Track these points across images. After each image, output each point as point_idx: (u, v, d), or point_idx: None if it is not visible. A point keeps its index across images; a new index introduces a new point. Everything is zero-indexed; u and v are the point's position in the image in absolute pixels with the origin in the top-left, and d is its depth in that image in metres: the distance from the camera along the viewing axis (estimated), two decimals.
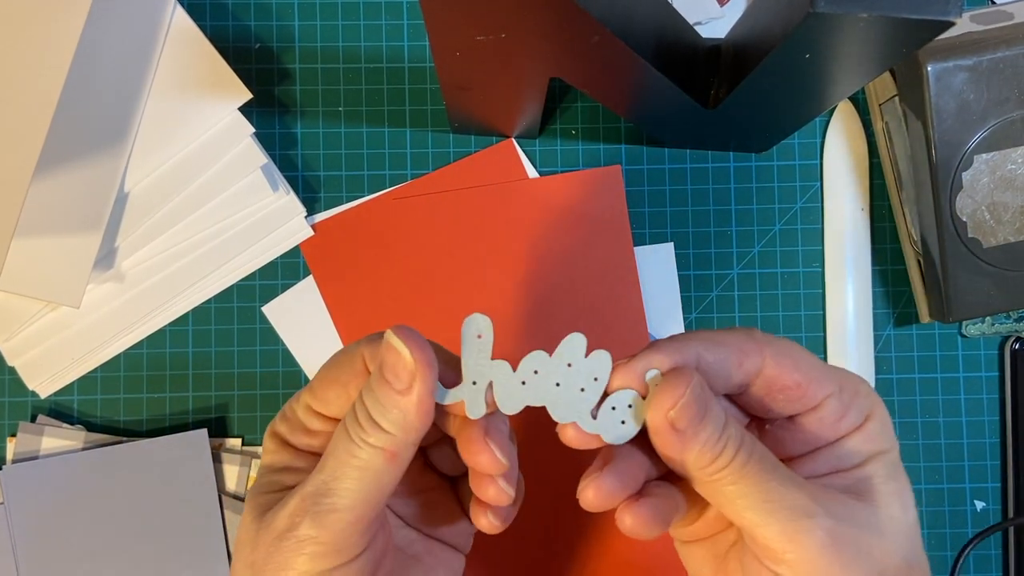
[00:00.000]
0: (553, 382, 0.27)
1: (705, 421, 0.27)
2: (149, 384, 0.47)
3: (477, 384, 0.27)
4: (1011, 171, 0.43)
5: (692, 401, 0.26)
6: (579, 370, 0.27)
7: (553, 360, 0.27)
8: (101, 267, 0.45)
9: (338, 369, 0.30)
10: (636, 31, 0.34)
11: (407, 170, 0.48)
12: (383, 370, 0.27)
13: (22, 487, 0.44)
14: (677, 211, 0.48)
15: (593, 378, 0.27)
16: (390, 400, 0.27)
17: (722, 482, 0.27)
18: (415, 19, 0.48)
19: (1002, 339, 0.48)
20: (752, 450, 0.27)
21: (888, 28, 0.29)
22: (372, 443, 0.27)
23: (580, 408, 0.27)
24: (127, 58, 0.45)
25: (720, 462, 0.27)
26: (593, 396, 0.27)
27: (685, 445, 0.27)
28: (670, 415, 0.27)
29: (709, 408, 0.27)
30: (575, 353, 0.27)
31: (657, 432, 0.27)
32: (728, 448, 0.27)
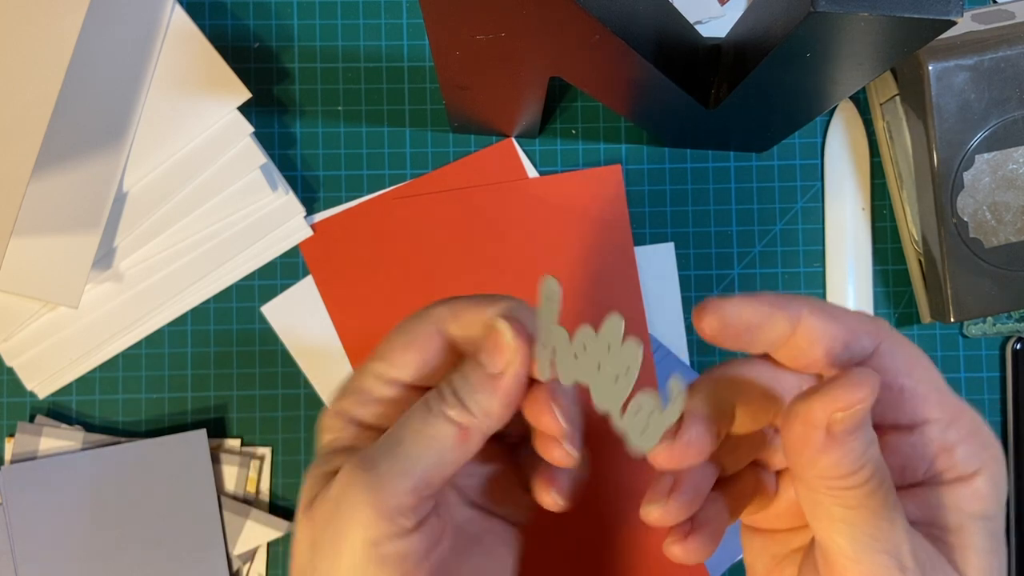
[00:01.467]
0: (596, 363, 0.26)
1: (859, 432, 0.24)
2: (148, 384, 0.47)
3: (546, 347, 0.26)
4: (1012, 171, 0.43)
5: (864, 411, 0.24)
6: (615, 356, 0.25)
7: (599, 339, 0.26)
8: (99, 267, 0.45)
9: (411, 334, 0.29)
10: (636, 30, 0.34)
11: (406, 170, 0.48)
12: (479, 351, 0.27)
13: (20, 488, 0.44)
14: (677, 211, 0.48)
15: (626, 367, 0.25)
16: (480, 381, 0.27)
17: (838, 499, 0.24)
18: (415, 18, 0.48)
19: (1003, 339, 0.48)
20: (883, 479, 0.25)
21: (889, 27, 0.29)
22: (450, 416, 0.27)
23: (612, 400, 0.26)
24: (125, 57, 0.45)
25: (851, 480, 0.24)
26: (624, 389, 0.26)
27: (827, 450, 0.24)
28: (836, 415, 0.24)
29: (868, 420, 0.24)
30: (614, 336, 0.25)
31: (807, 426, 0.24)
32: (864, 470, 0.24)
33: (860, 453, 0.24)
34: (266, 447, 0.47)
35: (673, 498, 0.27)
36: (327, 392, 0.47)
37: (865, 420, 0.24)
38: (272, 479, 0.47)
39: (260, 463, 0.46)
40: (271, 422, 0.47)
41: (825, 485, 0.24)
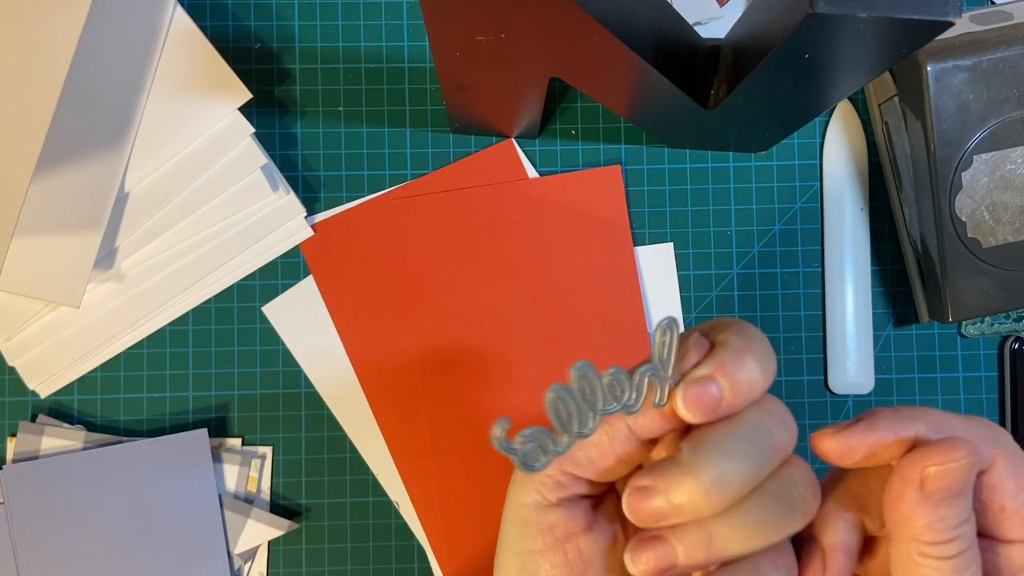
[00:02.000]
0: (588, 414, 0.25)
1: (955, 501, 0.25)
2: (149, 384, 0.47)
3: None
4: (1010, 171, 0.43)
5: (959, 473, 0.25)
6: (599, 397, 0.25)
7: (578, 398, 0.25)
8: (101, 267, 0.45)
9: None
10: (636, 31, 0.34)
11: (407, 170, 0.48)
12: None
13: (22, 487, 0.44)
14: (677, 211, 0.48)
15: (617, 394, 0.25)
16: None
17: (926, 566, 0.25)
18: (415, 19, 0.48)
19: (1001, 339, 0.48)
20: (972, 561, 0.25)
21: (888, 28, 0.29)
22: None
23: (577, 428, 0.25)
24: (127, 58, 0.45)
25: (941, 550, 0.25)
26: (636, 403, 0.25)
27: (919, 508, 0.25)
28: (930, 470, 0.25)
29: (965, 491, 0.25)
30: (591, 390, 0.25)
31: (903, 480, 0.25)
32: (956, 543, 0.25)
33: (953, 523, 0.25)
34: (267, 446, 0.47)
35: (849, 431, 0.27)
36: (327, 392, 0.47)
37: (959, 489, 0.25)
38: (273, 478, 0.47)
39: (261, 462, 0.46)
40: (272, 421, 0.47)
41: (917, 549, 0.25)
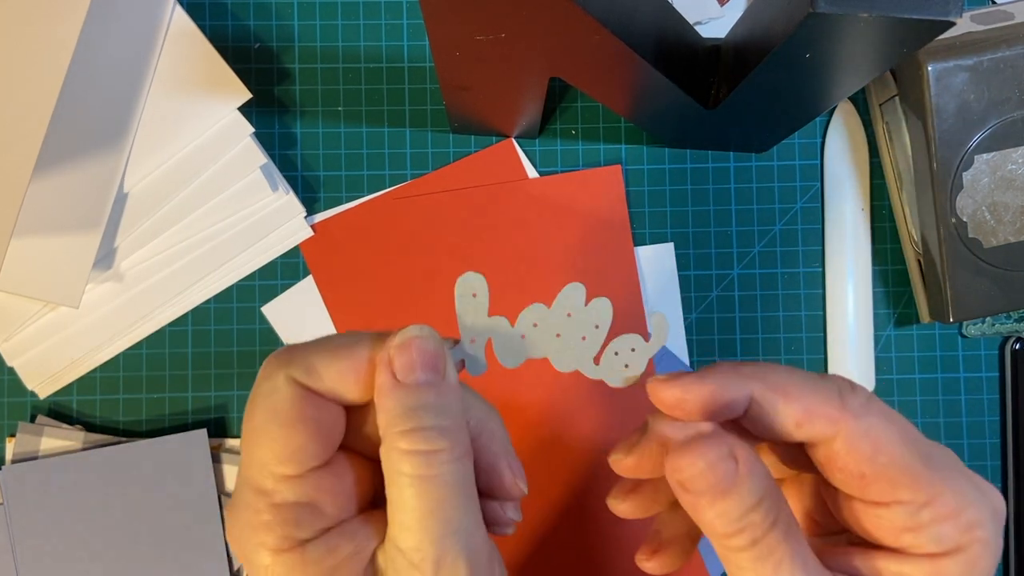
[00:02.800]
0: (553, 333, 0.26)
1: (730, 493, 0.24)
2: (148, 384, 0.47)
3: (476, 342, 0.26)
4: (1011, 171, 0.43)
5: (710, 470, 0.24)
6: (580, 319, 0.26)
7: (553, 311, 0.26)
8: (100, 267, 0.45)
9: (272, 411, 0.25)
10: (636, 31, 0.34)
11: (407, 170, 0.48)
12: (418, 371, 0.24)
13: (21, 487, 0.44)
14: (677, 211, 0.48)
15: (594, 326, 0.26)
16: (443, 396, 0.25)
17: (734, 561, 0.24)
18: (415, 19, 0.48)
19: (1002, 339, 0.48)
20: (782, 540, 0.24)
21: (889, 28, 0.29)
22: (458, 454, 0.24)
23: (582, 356, 0.26)
24: (126, 58, 0.45)
25: (735, 540, 0.24)
26: (595, 344, 0.26)
27: (695, 506, 0.24)
28: (678, 478, 0.24)
29: (738, 480, 0.24)
30: (575, 302, 0.26)
31: (669, 481, 0.25)
32: (748, 532, 0.24)
33: (732, 515, 0.24)
34: None
35: (631, 498, 0.28)
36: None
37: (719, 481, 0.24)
38: None
39: None
40: None
41: (719, 544, 0.25)
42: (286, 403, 0.25)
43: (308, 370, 0.25)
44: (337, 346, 0.25)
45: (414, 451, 0.24)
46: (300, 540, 0.24)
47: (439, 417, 0.24)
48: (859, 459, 0.25)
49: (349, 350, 0.25)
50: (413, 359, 0.25)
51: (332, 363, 0.25)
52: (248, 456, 0.25)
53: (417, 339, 0.25)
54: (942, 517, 0.24)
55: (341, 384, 0.25)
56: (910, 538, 0.25)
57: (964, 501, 0.25)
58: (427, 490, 0.24)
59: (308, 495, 0.25)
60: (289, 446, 0.24)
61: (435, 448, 0.24)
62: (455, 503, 0.24)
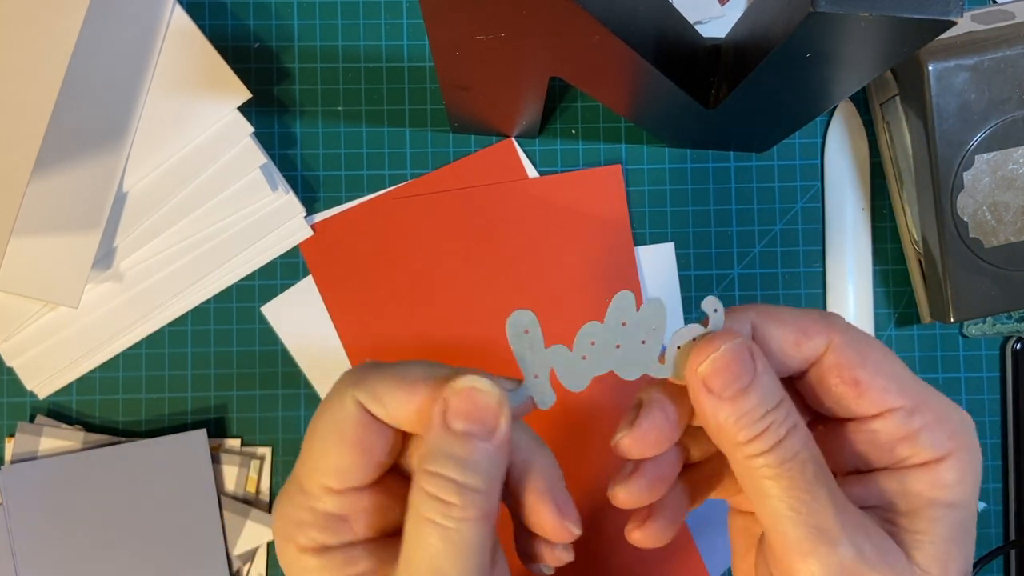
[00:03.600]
0: (613, 346, 0.26)
1: (749, 389, 0.25)
2: (148, 384, 0.47)
3: (539, 377, 0.26)
4: (1012, 171, 0.43)
5: (731, 360, 0.25)
6: (635, 324, 0.26)
7: (607, 325, 0.26)
8: (100, 267, 0.45)
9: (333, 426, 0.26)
10: (636, 30, 0.34)
11: (406, 170, 0.48)
12: (462, 420, 0.25)
13: (21, 488, 0.44)
14: (677, 211, 0.48)
15: (652, 328, 0.26)
16: (474, 451, 0.25)
17: (757, 470, 0.25)
18: (414, 18, 0.48)
19: (1003, 339, 0.48)
20: (803, 446, 0.25)
21: (889, 27, 0.29)
22: (471, 515, 0.24)
23: (646, 360, 0.26)
24: (126, 57, 0.45)
25: (757, 445, 0.25)
26: (656, 345, 0.26)
27: (717, 409, 0.25)
28: (700, 370, 0.25)
29: (757, 375, 0.25)
30: (627, 311, 0.26)
31: (690, 389, 0.26)
32: (771, 432, 0.25)
33: (760, 413, 0.25)
34: (266, 447, 0.47)
35: (634, 479, 0.28)
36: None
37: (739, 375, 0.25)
38: (272, 479, 0.47)
39: (260, 463, 0.46)
40: (271, 422, 0.47)
41: (740, 453, 0.25)
42: (347, 424, 0.26)
43: (374, 396, 0.26)
44: (404, 377, 0.26)
45: (432, 495, 0.24)
46: (326, 545, 0.26)
47: (465, 473, 0.25)
48: (852, 366, 0.26)
49: (413, 384, 0.26)
50: (464, 408, 0.25)
51: (396, 394, 0.26)
52: (305, 457, 0.27)
53: (474, 391, 0.25)
54: (931, 423, 0.26)
55: (401, 414, 0.26)
56: (906, 448, 0.26)
57: (945, 408, 0.26)
58: (430, 535, 0.24)
59: (344, 509, 0.26)
60: (340, 464, 0.26)
61: (450, 501, 0.24)
62: (451, 558, 0.24)
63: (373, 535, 0.27)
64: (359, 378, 0.26)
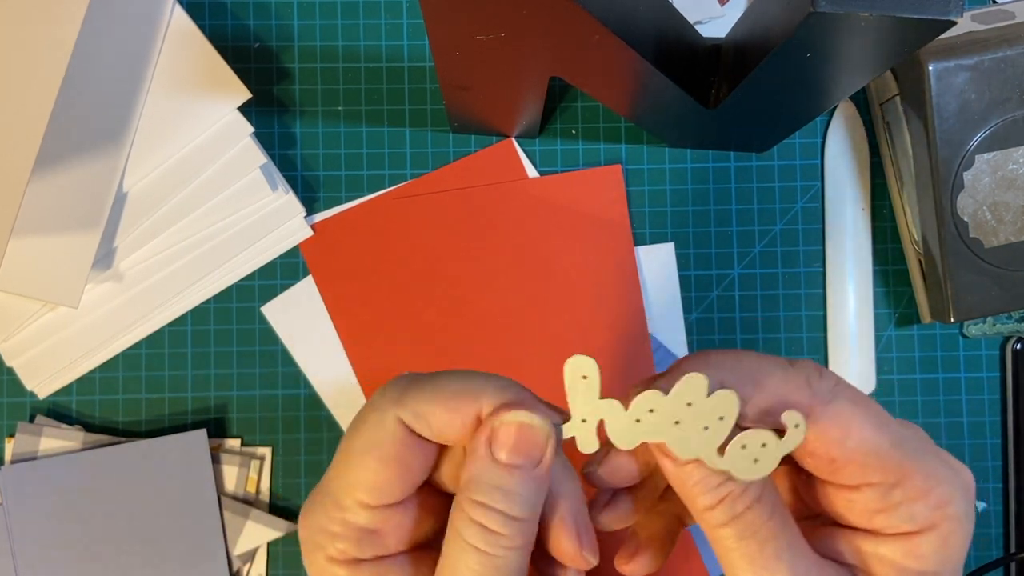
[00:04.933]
0: (672, 421, 0.26)
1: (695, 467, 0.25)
2: (148, 384, 0.47)
3: (587, 422, 0.26)
4: (1012, 171, 0.43)
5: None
6: (701, 409, 0.25)
7: (671, 399, 0.26)
8: (100, 267, 0.45)
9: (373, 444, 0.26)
10: (636, 30, 0.34)
11: (406, 170, 0.48)
12: (510, 454, 0.25)
13: (21, 488, 0.44)
14: (677, 211, 0.48)
15: (718, 417, 0.26)
16: (520, 483, 0.25)
17: (719, 541, 0.25)
18: (415, 18, 0.48)
19: (1003, 339, 0.48)
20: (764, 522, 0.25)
21: (889, 27, 0.29)
22: (516, 544, 0.25)
23: (705, 446, 0.26)
24: (125, 57, 0.45)
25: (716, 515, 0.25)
26: (719, 435, 0.26)
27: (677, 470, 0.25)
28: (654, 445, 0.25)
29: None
30: (696, 394, 0.26)
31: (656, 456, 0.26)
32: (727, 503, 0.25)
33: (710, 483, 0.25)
34: (266, 447, 0.47)
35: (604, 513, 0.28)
36: (327, 393, 0.47)
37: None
38: (272, 479, 0.47)
39: (260, 463, 0.46)
40: (271, 422, 0.47)
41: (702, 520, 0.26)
42: (387, 441, 0.26)
43: (416, 415, 0.26)
44: (444, 392, 0.26)
45: (477, 523, 0.25)
46: (356, 559, 0.26)
47: (511, 504, 0.25)
48: (828, 444, 0.25)
49: (455, 399, 0.26)
50: (512, 441, 0.25)
51: (438, 411, 0.26)
52: (340, 470, 0.26)
53: (524, 426, 0.25)
54: (913, 497, 0.25)
55: (444, 432, 0.26)
56: (882, 519, 0.25)
57: (934, 480, 0.25)
58: (472, 561, 0.25)
59: (376, 524, 0.26)
60: (377, 481, 0.26)
61: (496, 530, 0.25)
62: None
63: (403, 549, 0.27)
64: (399, 395, 0.26)
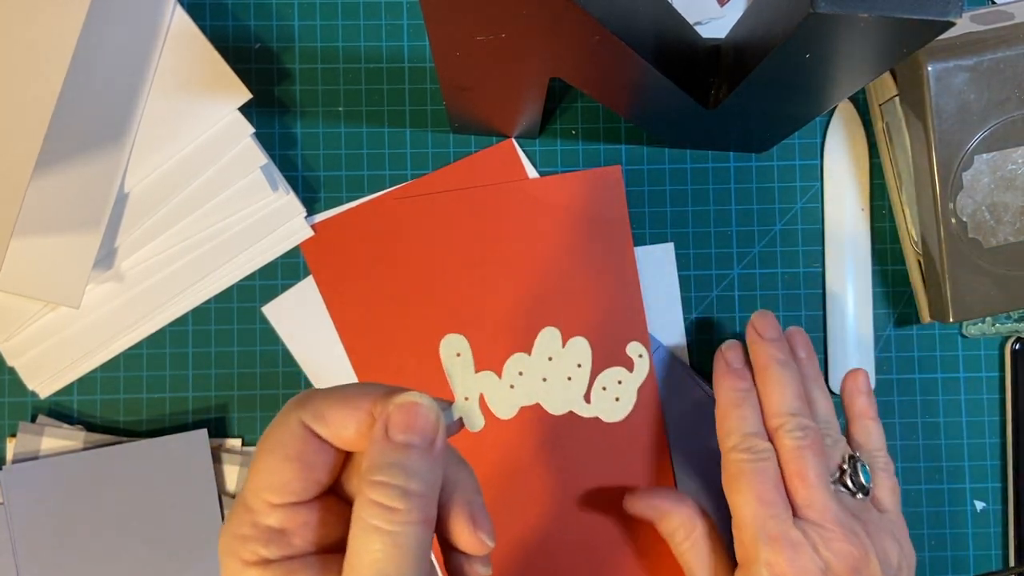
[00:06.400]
0: (539, 378, 0.27)
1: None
2: (149, 384, 0.47)
3: (470, 399, 0.27)
4: (1011, 171, 0.43)
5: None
6: (561, 361, 0.27)
7: (534, 357, 0.27)
8: (101, 267, 0.45)
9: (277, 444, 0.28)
10: (636, 31, 0.34)
11: (407, 170, 0.48)
12: (403, 432, 0.27)
13: (22, 487, 0.44)
14: (677, 211, 0.48)
15: (576, 364, 0.27)
16: (418, 461, 0.26)
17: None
18: (415, 19, 0.48)
19: (1003, 339, 0.48)
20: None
21: (888, 28, 0.29)
22: (414, 519, 0.26)
23: (572, 396, 0.27)
24: (127, 58, 0.45)
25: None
26: (581, 382, 0.27)
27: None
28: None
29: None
30: (552, 346, 0.27)
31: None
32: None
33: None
34: None
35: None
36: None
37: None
38: None
39: None
40: None
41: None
42: (289, 440, 0.27)
43: (317, 415, 0.28)
44: (346, 396, 0.28)
45: (377, 503, 0.26)
46: (266, 559, 0.27)
47: (409, 480, 0.26)
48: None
49: (355, 400, 0.28)
50: (405, 421, 0.27)
51: (339, 411, 0.28)
52: (250, 476, 0.28)
53: (416, 405, 0.27)
54: None
55: (344, 431, 0.28)
56: None
57: None
58: (375, 541, 0.26)
59: (284, 523, 0.27)
60: (281, 479, 0.27)
61: (394, 506, 0.26)
62: (396, 562, 0.26)
63: (313, 550, 0.28)
64: (303, 400, 0.28)
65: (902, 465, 0.48)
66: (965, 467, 0.48)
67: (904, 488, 0.47)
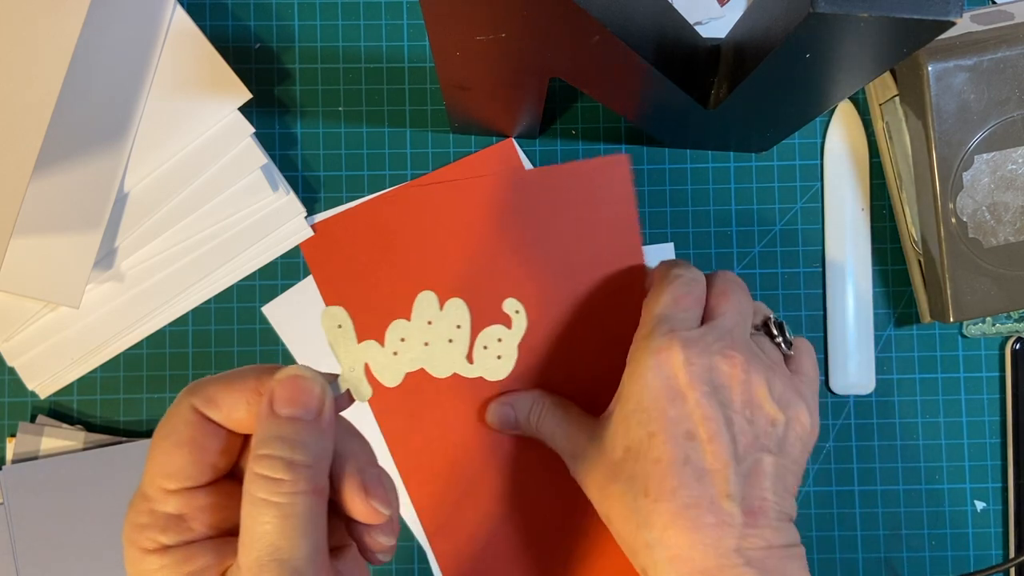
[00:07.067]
0: (421, 343, 0.27)
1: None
2: (149, 384, 0.47)
3: (355, 370, 0.28)
4: (1012, 171, 0.43)
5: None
6: (440, 324, 0.27)
7: (413, 323, 0.27)
8: (101, 267, 0.45)
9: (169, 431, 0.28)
10: (636, 31, 0.34)
11: (407, 170, 0.48)
12: (287, 406, 0.27)
13: (22, 487, 0.44)
14: (677, 211, 0.48)
15: (456, 326, 0.27)
16: (303, 433, 0.27)
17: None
18: (415, 19, 0.48)
19: (1003, 339, 0.48)
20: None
21: (888, 28, 0.29)
22: (301, 489, 0.26)
23: (454, 358, 0.27)
24: (126, 57, 0.45)
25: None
26: (462, 344, 0.27)
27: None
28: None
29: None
30: (430, 309, 0.27)
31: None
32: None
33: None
34: None
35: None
36: None
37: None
38: None
39: None
40: None
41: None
42: (180, 426, 0.28)
43: (207, 400, 0.28)
44: (232, 377, 0.28)
45: (263, 475, 0.26)
46: (164, 545, 0.28)
47: (293, 451, 0.26)
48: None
49: (243, 381, 0.28)
50: (288, 395, 0.27)
51: (228, 394, 0.28)
52: (146, 465, 0.28)
53: (297, 377, 0.27)
54: None
55: (235, 412, 0.28)
56: None
57: None
58: (264, 514, 0.26)
59: (180, 509, 0.28)
60: (175, 464, 0.28)
61: (280, 477, 0.26)
62: (287, 533, 0.26)
63: (212, 534, 0.28)
64: (195, 387, 0.28)
65: (902, 465, 0.48)
66: (965, 467, 0.48)
67: (904, 488, 0.47)
